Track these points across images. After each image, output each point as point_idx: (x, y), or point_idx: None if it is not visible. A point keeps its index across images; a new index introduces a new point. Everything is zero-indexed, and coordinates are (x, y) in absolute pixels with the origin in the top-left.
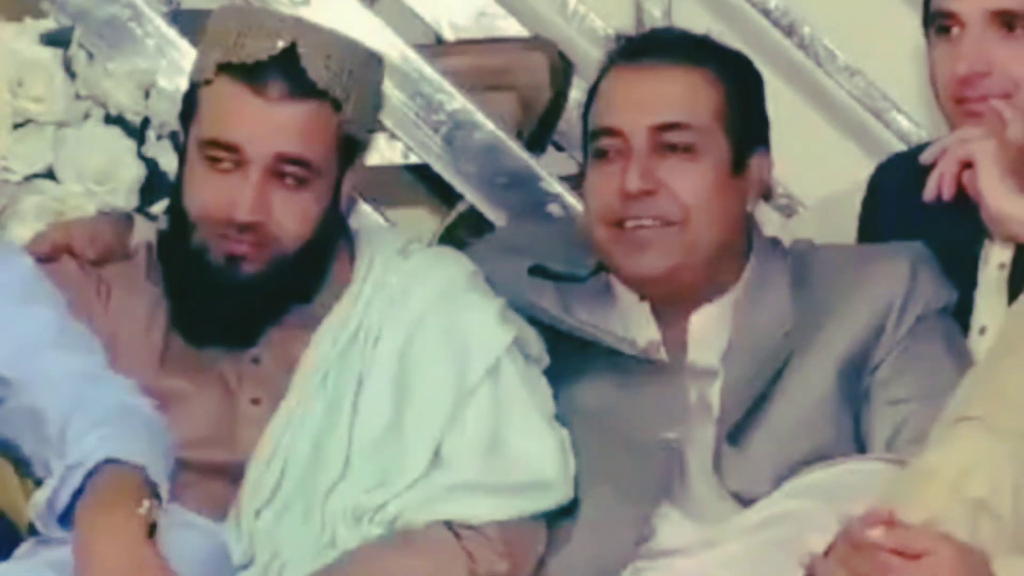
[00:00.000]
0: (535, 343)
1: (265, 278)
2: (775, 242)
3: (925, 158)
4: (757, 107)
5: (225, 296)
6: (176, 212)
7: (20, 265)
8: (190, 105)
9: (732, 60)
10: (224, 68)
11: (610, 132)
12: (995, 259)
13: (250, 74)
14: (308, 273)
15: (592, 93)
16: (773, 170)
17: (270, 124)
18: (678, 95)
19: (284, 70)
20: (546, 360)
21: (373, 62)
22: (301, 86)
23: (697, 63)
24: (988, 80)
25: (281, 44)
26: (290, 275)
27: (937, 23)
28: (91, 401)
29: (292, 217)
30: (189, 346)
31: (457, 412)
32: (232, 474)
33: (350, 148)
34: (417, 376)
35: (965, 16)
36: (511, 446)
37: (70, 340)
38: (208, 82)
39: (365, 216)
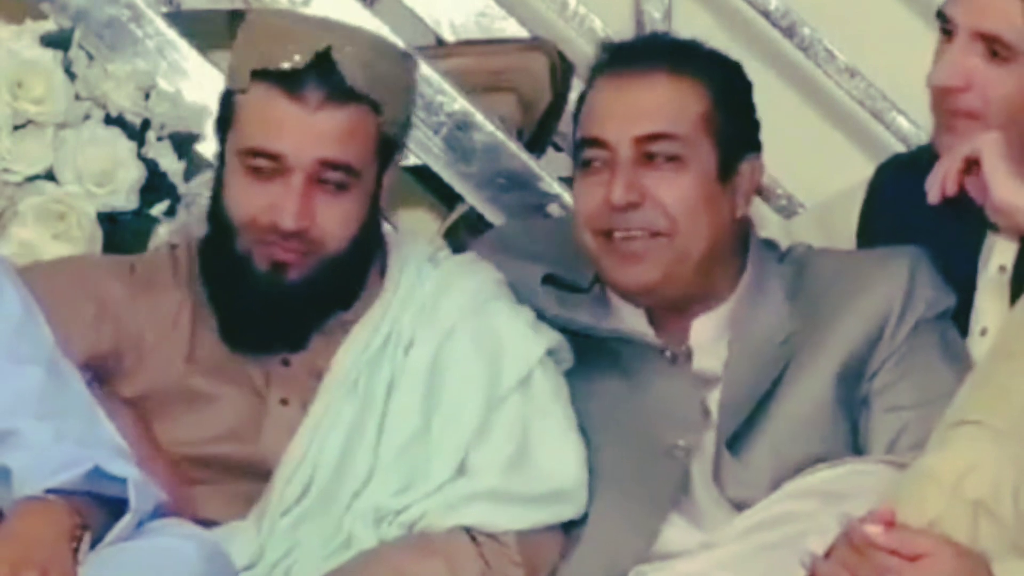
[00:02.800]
0: (565, 349)
1: (310, 283)
2: (771, 246)
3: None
4: (746, 112)
5: (271, 303)
6: (217, 219)
7: (11, 308)
8: (226, 113)
9: (719, 66)
10: (259, 75)
11: (595, 143)
12: (995, 261)
13: (287, 81)
14: (352, 275)
15: (580, 102)
16: (765, 173)
17: (311, 132)
18: (663, 104)
19: (321, 76)
20: (571, 363)
21: (407, 61)
22: (340, 91)
23: (683, 70)
24: (964, 96)
25: (316, 50)
26: (335, 278)
27: (940, 24)
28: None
29: (335, 221)
30: (216, 346)
31: (486, 421)
32: (256, 473)
33: (388, 148)
34: (447, 384)
35: (957, 25)
36: (537, 457)
37: (50, 407)
38: (244, 90)
39: None
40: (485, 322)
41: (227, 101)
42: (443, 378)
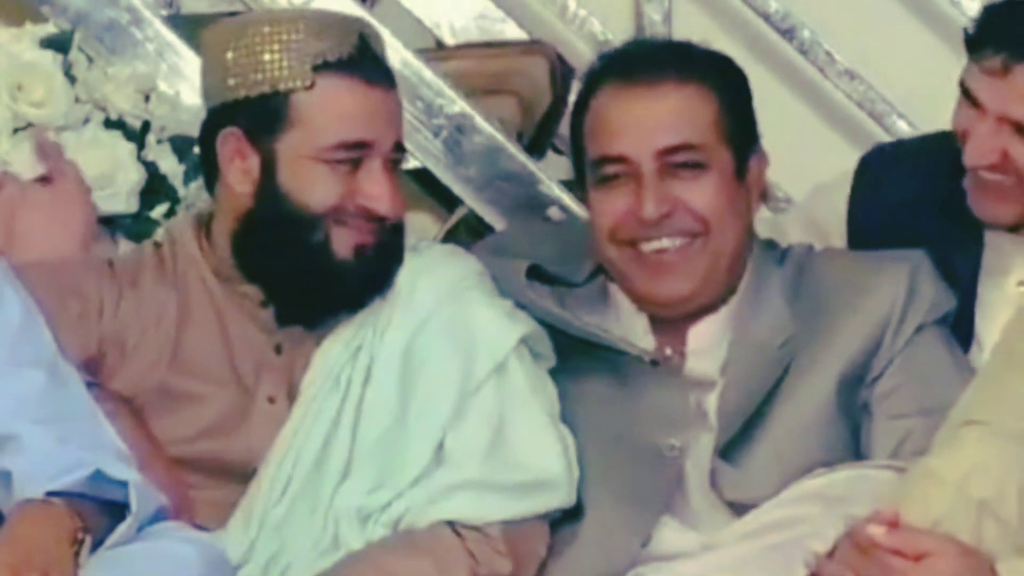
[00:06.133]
0: (543, 341)
1: (380, 251)
2: (771, 246)
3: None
4: (748, 108)
5: (351, 283)
6: (279, 216)
7: (11, 312)
8: (270, 115)
9: (719, 65)
10: (323, 68)
11: (616, 159)
12: (1015, 276)
13: (355, 68)
14: (403, 240)
15: (580, 111)
16: (769, 170)
17: (386, 114)
18: (678, 114)
19: (372, 59)
20: (552, 360)
21: None
22: (386, 72)
23: (689, 76)
24: (1002, 168)
25: (355, 34)
26: (398, 244)
27: (965, 95)
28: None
29: (398, 195)
30: (203, 344)
31: (461, 408)
32: (239, 475)
33: None
34: (422, 371)
35: (985, 107)
36: (515, 445)
37: (51, 411)
38: (308, 86)
39: None
40: (460, 309)
41: (273, 103)
42: (418, 366)
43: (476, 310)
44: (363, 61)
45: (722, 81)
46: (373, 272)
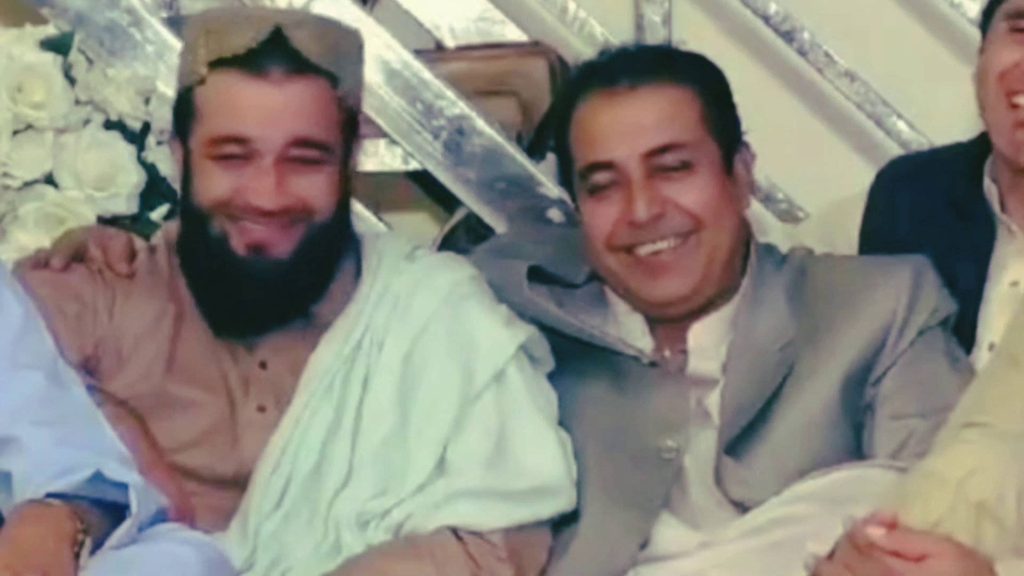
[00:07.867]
0: (541, 346)
1: (299, 254)
2: (771, 250)
3: None
4: (730, 105)
5: (255, 285)
6: (188, 211)
7: (12, 314)
8: (186, 110)
9: (698, 65)
10: (217, 64)
11: (603, 166)
12: (1008, 276)
13: (246, 63)
14: (337, 246)
15: (564, 123)
16: (769, 172)
17: (276, 108)
18: (661, 115)
19: (279, 53)
20: (551, 364)
21: (353, 35)
22: (298, 64)
23: (669, 78)
24: None
25: (268, 29)
26: (323, 248)
27: (1014, 23)
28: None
29: (317, 190)
30: (197, 350)
31: (462, 417)
32: (235, 483)
33: (352, 122)
34: (422, 381)
35: None
36: (516, 452)
37: (51, 413)
38: (202, 81)
39: (365, 222)
40: (458, 318)
41: (185, 99)
42: (417, 375)
43: (475, 318)
44: (263, 55)
45: (702, 79)
46: (283, 272)
